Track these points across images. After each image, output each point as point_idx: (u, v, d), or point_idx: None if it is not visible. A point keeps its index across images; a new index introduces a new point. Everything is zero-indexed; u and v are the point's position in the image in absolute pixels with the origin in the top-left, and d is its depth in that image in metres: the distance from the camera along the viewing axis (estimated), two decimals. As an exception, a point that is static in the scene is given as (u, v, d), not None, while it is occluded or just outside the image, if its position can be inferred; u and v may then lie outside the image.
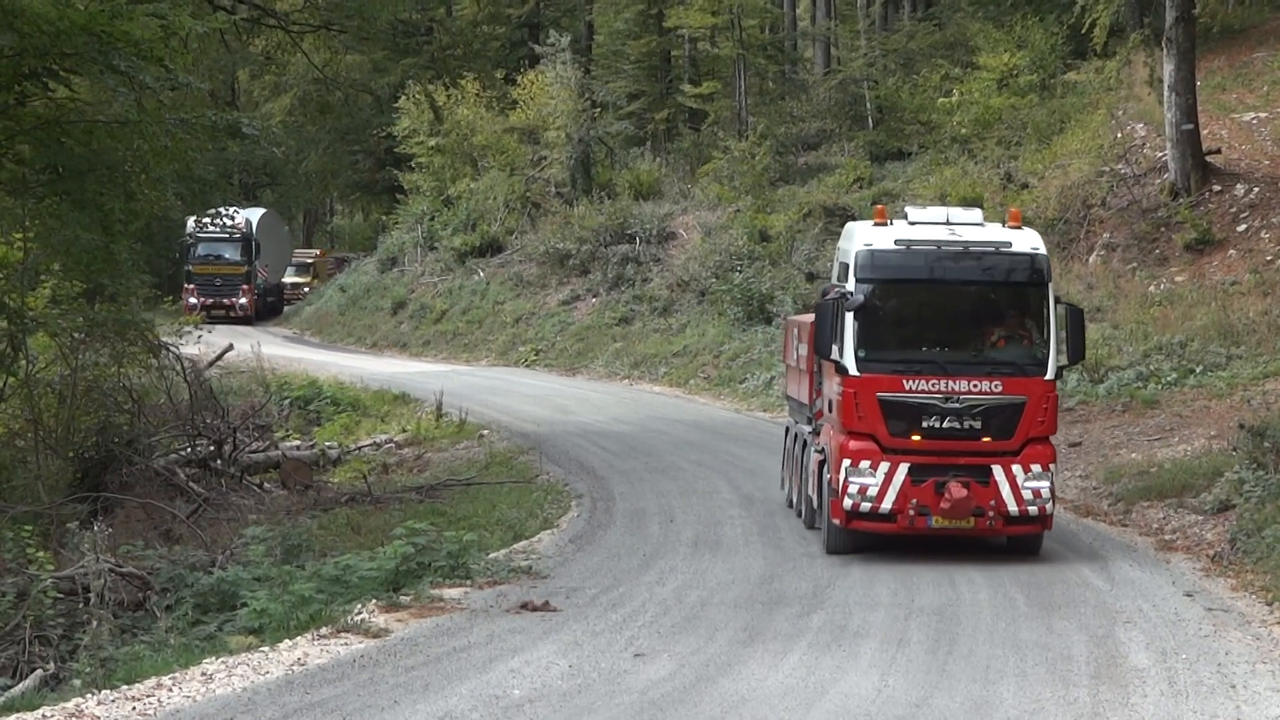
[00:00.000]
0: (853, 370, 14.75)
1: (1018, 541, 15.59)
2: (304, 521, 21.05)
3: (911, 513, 14.64)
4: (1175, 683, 11.97)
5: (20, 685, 14.11)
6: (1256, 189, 27.44)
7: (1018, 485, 14.61)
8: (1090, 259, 28.10)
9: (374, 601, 15.11)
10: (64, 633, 16.09)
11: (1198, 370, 24.07)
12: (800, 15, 50.00)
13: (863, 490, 14.66)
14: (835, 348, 14.74)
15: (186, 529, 20.69)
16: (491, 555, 16.39)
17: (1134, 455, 21.75)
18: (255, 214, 45.67)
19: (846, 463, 14.71)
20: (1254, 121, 30.23)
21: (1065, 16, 33.62)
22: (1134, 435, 22.88)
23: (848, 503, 14.74)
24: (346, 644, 13.50)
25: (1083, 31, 31.93)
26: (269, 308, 49.34)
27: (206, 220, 30.67)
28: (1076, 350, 15.06)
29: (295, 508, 22.67)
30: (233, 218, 35.23)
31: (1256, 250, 26.23)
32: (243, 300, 46.28)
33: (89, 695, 12.26)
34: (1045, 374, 14.83)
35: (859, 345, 14.80)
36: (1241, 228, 26.77)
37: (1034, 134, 32.89)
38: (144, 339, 24.33)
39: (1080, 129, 31.68)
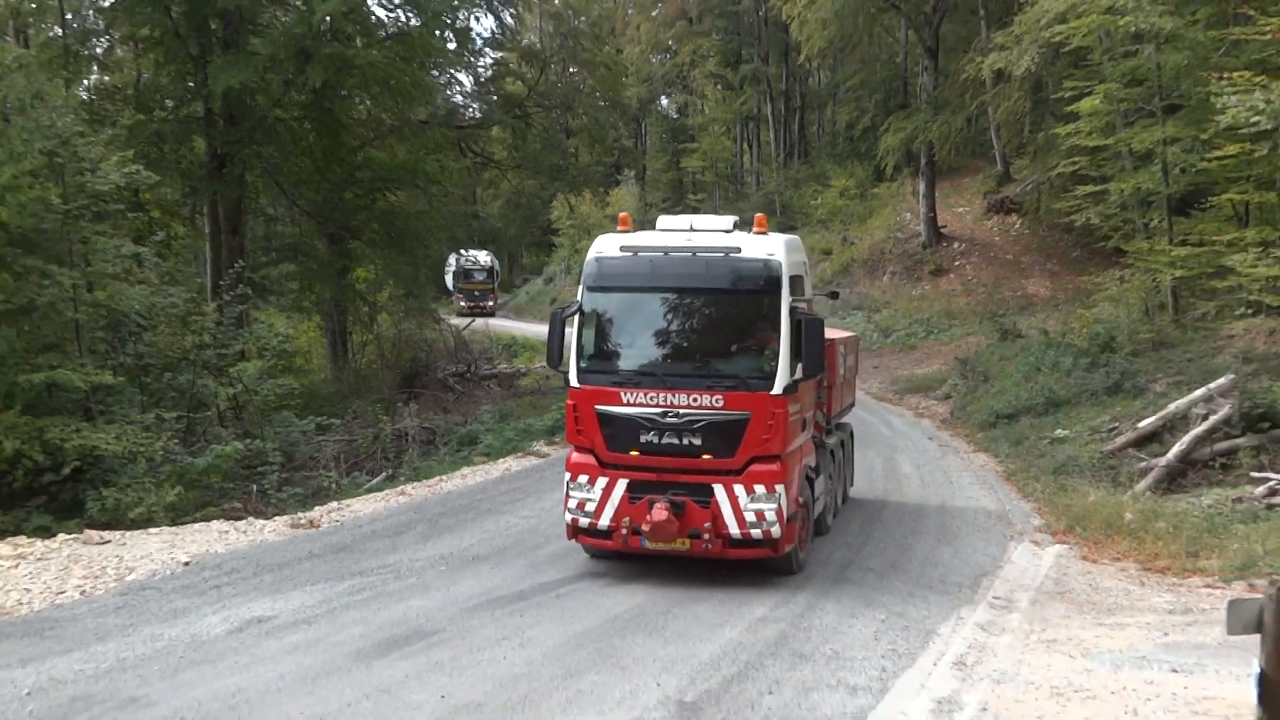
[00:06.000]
0: (573, 382, 12.09)
1: (764, 564, 12.20)
2: (509, 404, 28.72)
3: (625, 531, 11.76)
4: (924, 481, 19.12)
5: (375, 479, 20.81)
6: (962, 244, 42.83)
7: (740, 507, 11.50)
8: (884, 279, 42.11)
9: (542, 440, 22.40)
10: (394, 455, 23.03)
11: (935, 332, 37.18)
12: (745, 161, 73.71)
13: (581, 505, 11.98)
14: (562, 359, 12.30)
15: (454, 407, 28.61)
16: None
17: (903, 371, 32.73)
18: (484, 255, 63.56)
19: (567, 477, 12.08)
20: (963, 211, 46.05)
21: (871, 162, 52.41)
22: (905, 362, 34.40)
23: (568, 517, 12.15)
24: (530, 460, 21.04)
25: (881, 169, 50.71)
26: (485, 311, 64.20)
27: (468, 257, 55.98)
28: (811, 364, 11.80)
29: (505, 397, 30.85)
30: (478, 260, 59.13)
31: (963, 275, 40.96)
32: (489, 303, 63.05)
33: (408, 485, 18.65)
34: (772, 388, 11.52)
35: (580, 356, 12.12)
36: (957, 262, 40.70)
37: (857, 218, 50.01)
38: (432, 316, 35.46)
39: (879, 216, 48.50)
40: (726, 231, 12.34)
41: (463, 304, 60.20)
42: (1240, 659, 8.96)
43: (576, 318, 12.15)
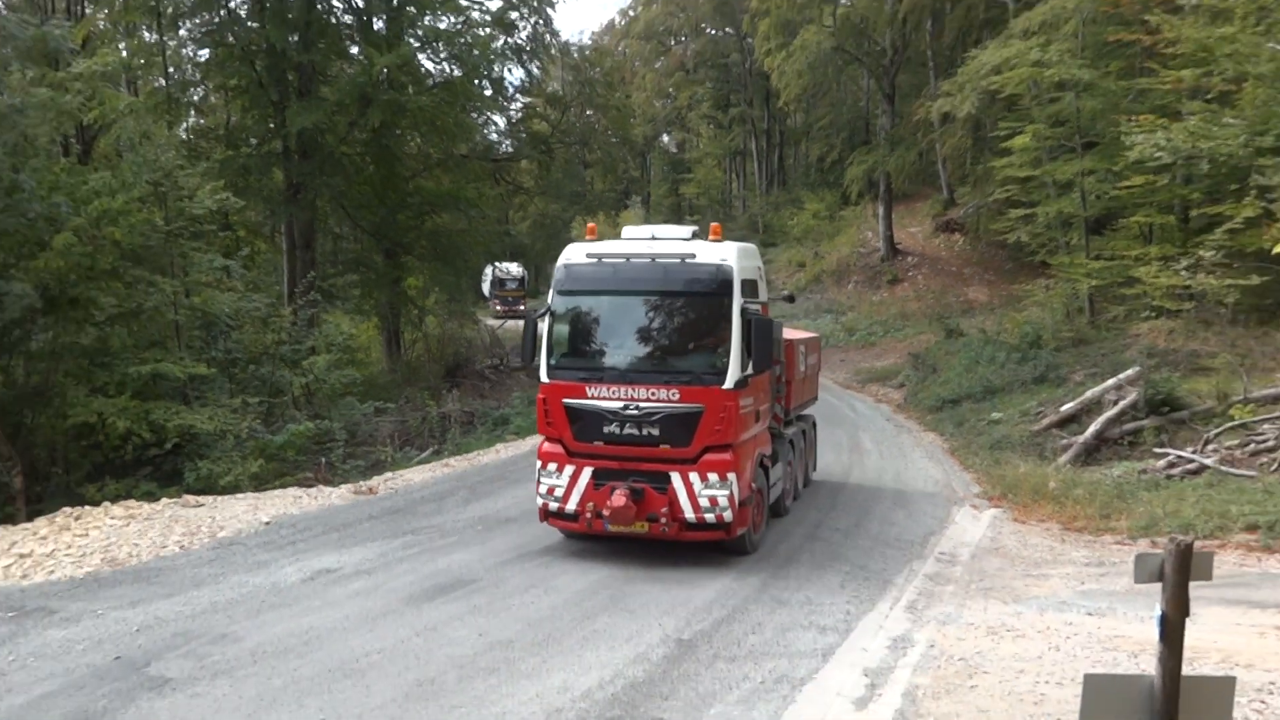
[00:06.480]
0: (544, 377, 10.97)
1: (721, 545, 11.08)
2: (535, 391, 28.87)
3: (589, 515, 10.74)
4: (882, 454, 18.86)
5: (424, 454, 21.05)
6: (914, 259, 42.57)
7: (694, 493, 10.44)
8: (849, 287, 41.52)
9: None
10: (440, 433, 23.27)
11: (892, 331, 36.57)
12: (734, 188, 72.86)
13: (551, 491, 10.92)
14: (535, 357, 11.12)
15: (489, 393, 28.97)
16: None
17: (865, 364, 31.83)
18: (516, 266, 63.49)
19: (538, 464, 11.01)
20: (915, 231, 45.81)
21: (838, 189, 52.63)
22: (867, 356, 33.47)
23: (539, 501, 11.06)
24: (551, 439, 20.73)
25: (846, 195, 50.85)
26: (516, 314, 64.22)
27: (502, 268, 50.64)
28: (761, 360, 10.80)
29: (532, 385, 28.56)
30: (510, 270, 55.34)
31: (915, 284, 40.44)
32: (520, 307, 61.45)
33: (451, 458, 18.78)
34: (723, 383, 10.42)
35: (550, 354, 10.99)
36: (910, 273, 40.23)
37: (828, 236, 49.90)
38: (471, 318, 35.46)
39: (845, 234, 48.53)
40: (684, 240, 11.25)
41: (497, 308, 60.09)
42: (1145, 604, 8.92)
43: (547, 319, 11.14)
